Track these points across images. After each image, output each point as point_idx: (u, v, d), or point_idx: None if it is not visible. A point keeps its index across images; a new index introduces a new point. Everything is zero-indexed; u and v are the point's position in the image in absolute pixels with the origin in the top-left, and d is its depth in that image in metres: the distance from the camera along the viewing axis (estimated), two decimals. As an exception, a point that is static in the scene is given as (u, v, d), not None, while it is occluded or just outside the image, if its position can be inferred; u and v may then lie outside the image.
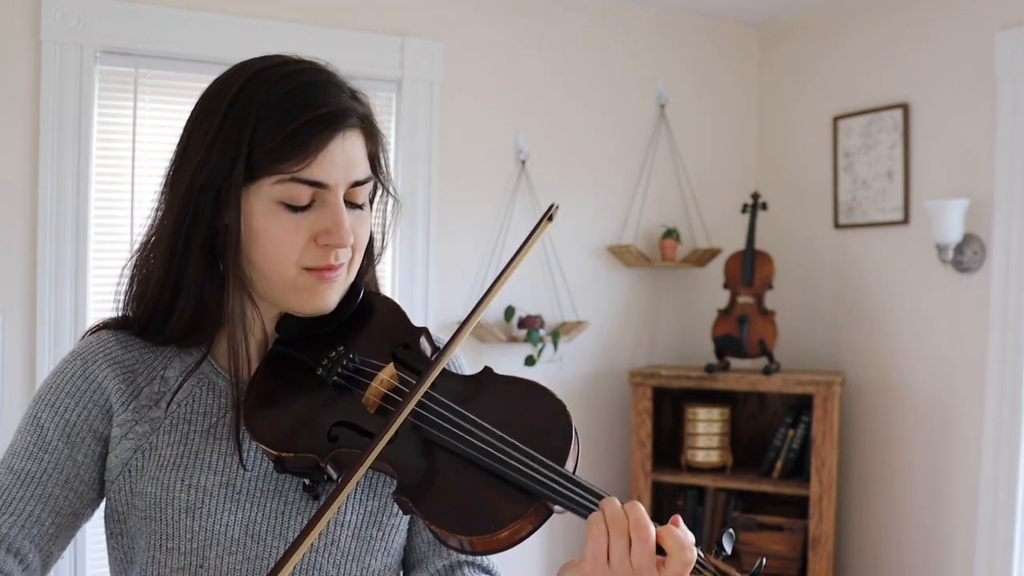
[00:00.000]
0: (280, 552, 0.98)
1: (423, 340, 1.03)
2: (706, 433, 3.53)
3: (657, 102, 3.82)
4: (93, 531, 2.83)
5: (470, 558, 1.11)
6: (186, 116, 1.01)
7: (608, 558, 0.85)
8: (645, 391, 3.50)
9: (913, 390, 3.37)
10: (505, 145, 3.52)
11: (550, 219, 0.98)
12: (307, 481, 0.98)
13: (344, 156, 0.96)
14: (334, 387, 0.99)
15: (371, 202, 1.06)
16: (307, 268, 0.98)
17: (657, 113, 3.82)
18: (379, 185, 1.07)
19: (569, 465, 0.90)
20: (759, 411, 3.77)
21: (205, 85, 1.02)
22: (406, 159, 3.30)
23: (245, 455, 1.00)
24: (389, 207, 1.10)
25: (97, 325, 1.07)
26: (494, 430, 0.90)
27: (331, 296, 1.01)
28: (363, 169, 0.99)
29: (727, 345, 3.52)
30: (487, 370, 1.00)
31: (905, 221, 3.39)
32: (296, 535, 0.95)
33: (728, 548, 0.89)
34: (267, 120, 0.94)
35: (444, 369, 0.99)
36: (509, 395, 0.96)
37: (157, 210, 1.02)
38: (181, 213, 0.97)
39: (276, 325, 1.05)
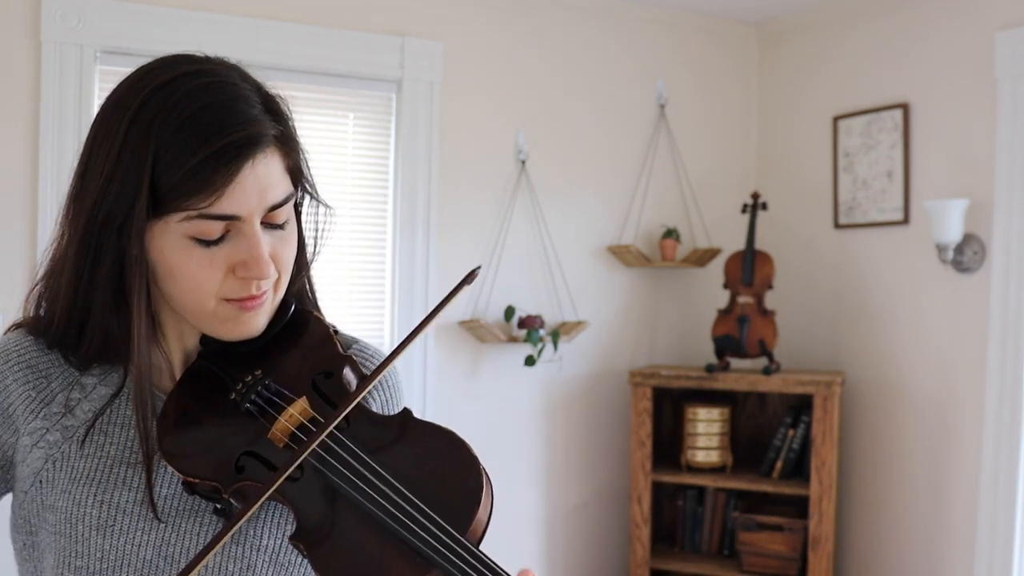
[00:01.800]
0: None
1: (347, 370, 0.96)
2: (706, 433, 3.53)
3: (657, 102, 3.82)
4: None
5: None
6: None
7: None
8: (645, 391, 3.50)
9: (913, 390, 3.37)
10: (505, 145, 3.52)
11: (469, 282, 0.92)
12: (218, 505, 0.93)
13: (257, 184, 0.88)
14: (246, 413, 0.93)
15: (299, 210, 1.00)
16: (227, 299, 0.92)
17: (657, 113, 3.82)
18: (306, 194, 1.00)
19: (477, 529, 0.84)
20: (759, 411, 3.77)
21: None
22: (406, 159, 3.30)
23: (157, 490, 0.94)
24: (320, 211, 1.03)
25: (16, 323, 1.02)
26: (398, 486, 0.85)
27: (257, 322, 0.95)
28: (281, 190, 0.91)
29: (727, 345, 3.52)
30: (405, 413, 0.92)
31: (905, 221, 3.39)
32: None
33: None
34: (168, 152, 0.85)
35: (362, 407, 0.93)
36: (422, 446, 0.89)
37: (60, 236, 0.95)
38: (83, 247, 0.91)
39: (200, 338, 1.00)
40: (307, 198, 1.02)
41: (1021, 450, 3.00)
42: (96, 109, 2.84)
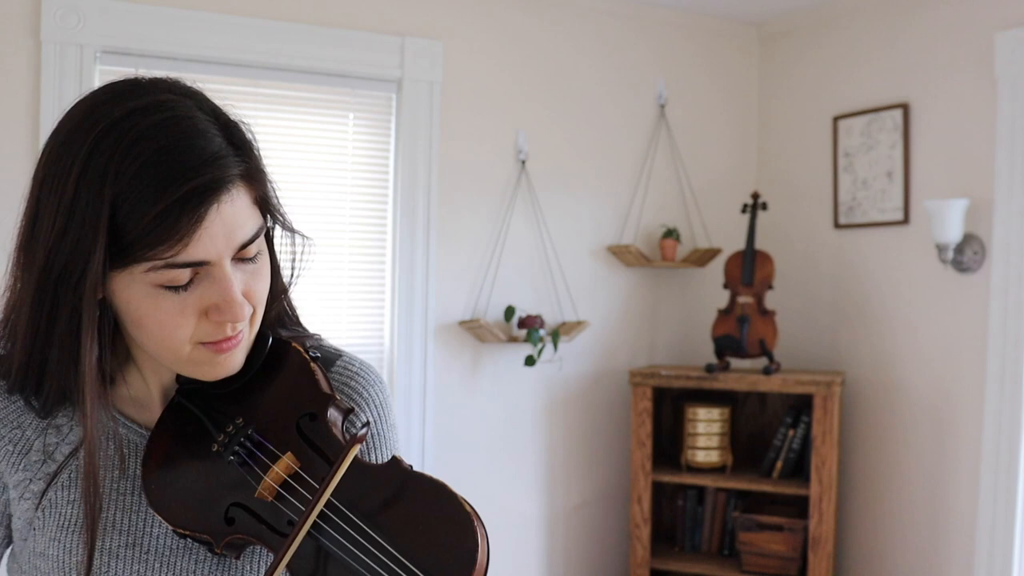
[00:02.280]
0: None
1: (331, 411, 0.92)
2: (706, 433, 3.53)
3: (657, 102, 3.82)
4: None
5: None
6: None
7: None
8: (645, 391, 3.50)
9: (913, 390, 3.37)
10: (505, 145, 3.52)
11: (358, 440, 0.87)
12: (212, 553, 0.92)
13: (224, 226, 0.82)
14: (231, 464, 0.91)
15: (270, 236, 0.95)
16: (202, 343, 0.88)
17: (657, 113, 3.82)
18: (277, 224, 0.95)
19: None
20: (759, 411, 3.77)
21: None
22: (406, 159, 3.30)
23: (149, 530, 0.92)
24: (296, 238, 0.98)
25: None
26: (392, 552, 0.82)
27: (235, 361, 0.91)
28: (250, 226, 0.86)
29: (727, 345, 3.52)
30: (395, 463, 0.88)
31: (905, 221, 3.39)
32: None
33: None
34: (126, 200, 0.79)
35: (353, 459, 0.89)
36: (416, 505, 0.86)
37: (13, 284, 0.89)
38: (38, 302, 0.85)
39: (176, 375, 0.96)
40: (276, 228, 0.97)
41: (1021, 450, 3.00)
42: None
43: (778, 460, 3.46)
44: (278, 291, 0.99)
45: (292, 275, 1.00)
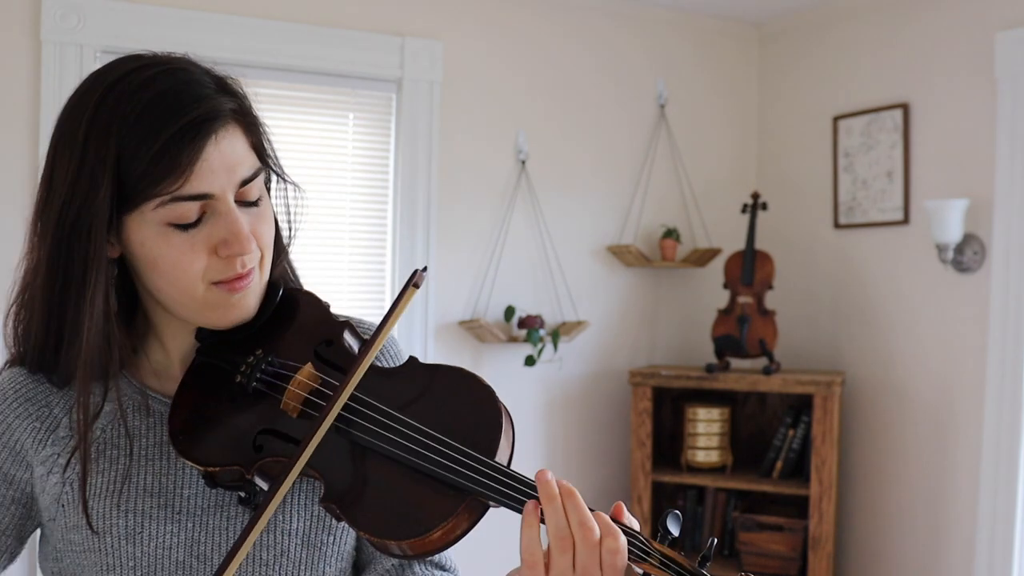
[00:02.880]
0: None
1: (346, 334, 0.98)
2: (706, 433, 3.53)
3: (657, 102, 3.82)
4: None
5: None
6: None
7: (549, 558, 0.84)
8: (645, 391, 3.50)
9: (913, 390, 3.37)
10: (505, 145, 3.52)
11: (415, 286, 0.91)
12: (242, 494, 0.94)
13: (223, 159, 0.88)
14: (255, 393, 0.94)
15: (269, 190, 1.00)
16: (215, 282, 0.92)
17: (657, 113, 3.82)
18: (272, 173, 1.00)
19: (502, 455, 0.89)
20: (759, 411, 3.77)
21: None
22: (406, 159, 3.30)
23: (180, 491, 0.95)
24: (291, 191, 1.03)
25: (6, 361, 1.01)
26: (420, 427, 0.87)
27: (248, 303, 0.95)
28: (248, 165, 0.92)
29: (727, 345, 3.52)
30: (412, 360, 0.96)
31: (905, 221, 3.39)
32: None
33: (675, 531, 0.88)
34: (130, 141, 0.85)
35: (371, 365, 0.94)
36: (436, 386, 0.92)
37: (30, 251, 0.93)
38: (54, 256, 0.90)
39: (196, 333, 1.00)
40: (275, 179, 1.01)
41: (1021, 450, 3.00)
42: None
43: (778, 460, 3.46)
44: (280, 249, 1.03)
45: (290, 231, 1.05)
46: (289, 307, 1.02)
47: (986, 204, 3.11)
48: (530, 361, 3.42)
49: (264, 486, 0.90)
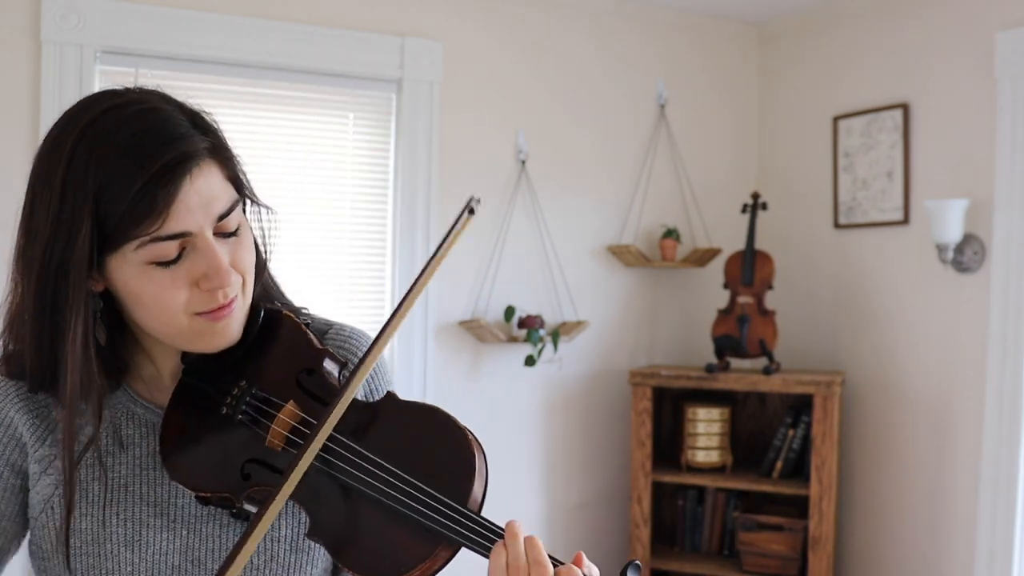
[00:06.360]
0: None
1: (326, 362, 1.00)
2: (706, 433, 3.53)
3: (657, 102, 3.82)
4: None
5: None
6: None
7: None
8: (645, 391, 3.50)
9: (913, 390, 3.37)
10: (505, 145, 3.52)
11: (471, 212, 0.93)
12: (233, 509, 0.98)
13: (199, 197, 0.90)
14: (240, 424, 0.98)
15: (245, 210, 1.02)
16: (198, 313, 0.94)
17: (657, 113, 3.82)
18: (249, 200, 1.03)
19: (474, 498, 0.90)
20: (759, 411, 3.77)
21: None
22: (406, 159, 3.30)
23: (174, 500, 0.98)
24: (263, 213, 1.05)
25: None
26: (394, 470, 0.90)
27: (232, 330, 0.98)
28: (225, 199, 0.93)
29: (727, 345, 3.52)
30: (390, 397, 0.98)
31: (905, 221, 3.39)
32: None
33: None
34: (108, 185, 0.87)
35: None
36: (411, 427, 0.95)
37: (14, 290, 0.96)
38: (40, 297, 0.92)
39: (181, 356, 1.03)
40: (250, 204, 1.03)
41: (1021, 450, 3.00)
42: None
43: (778, 460, 3.46)
44: (259, 267, 1.05)
45: (266, 251, 1.07)
46: (270, 330, 1.04)
47: (986, 204, 3.11)
48: (530, 361, 3.42)
49: (253, 510, 0.95)
